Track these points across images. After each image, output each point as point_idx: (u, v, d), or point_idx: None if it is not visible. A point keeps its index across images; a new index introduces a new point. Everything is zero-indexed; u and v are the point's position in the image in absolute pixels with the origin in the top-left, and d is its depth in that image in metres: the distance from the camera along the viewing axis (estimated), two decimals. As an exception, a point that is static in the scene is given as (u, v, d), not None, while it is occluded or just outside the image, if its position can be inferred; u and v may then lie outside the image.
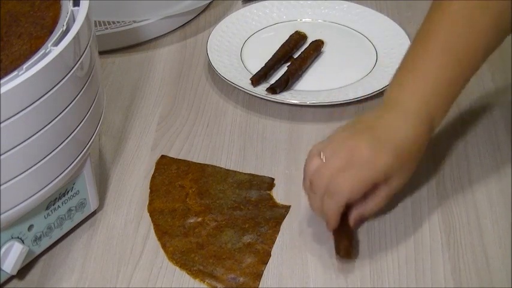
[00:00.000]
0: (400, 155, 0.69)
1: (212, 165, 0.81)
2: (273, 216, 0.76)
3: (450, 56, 0.72)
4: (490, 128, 0.86)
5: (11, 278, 0.69)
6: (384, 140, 0.69)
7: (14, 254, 0.66)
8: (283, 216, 0.76)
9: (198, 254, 0.71)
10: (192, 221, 0.75)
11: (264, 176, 0.80)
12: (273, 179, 0.80)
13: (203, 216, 0.75)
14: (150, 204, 0.77)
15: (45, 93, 0.60)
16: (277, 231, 0.74)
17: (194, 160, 0.83)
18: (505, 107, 0.89)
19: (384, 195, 0.71)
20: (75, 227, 0.74)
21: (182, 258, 0.71)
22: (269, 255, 0.72)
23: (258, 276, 0.69)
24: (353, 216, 0.71)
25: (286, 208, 0.77)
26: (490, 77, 0.95)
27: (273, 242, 0.73)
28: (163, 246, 0.73)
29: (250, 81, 0.92)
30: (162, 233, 0.74)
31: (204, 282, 0.69)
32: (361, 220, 0.73)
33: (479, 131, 0.86)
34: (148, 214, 0.76)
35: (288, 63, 0.96)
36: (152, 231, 0.75)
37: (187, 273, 0.70)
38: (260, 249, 0.72)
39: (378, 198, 0.71)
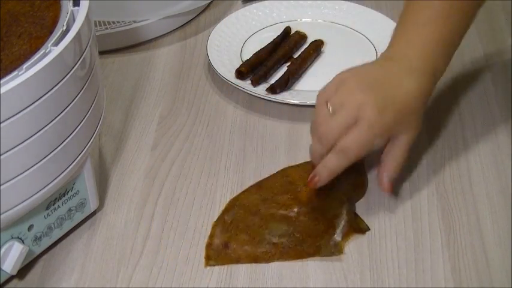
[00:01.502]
0: (403, 110, 0.72)
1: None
2: None
3: (451, 5, 0.75)
4: (490, 128, 0.86)
5: (11, 278, 0.69)
6: (390, 98, 0.72)
7: (14, 254, 0.66)
8: None
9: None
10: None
11: None
12: None
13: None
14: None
15: (45, 93, 0.60)
16: None
17: (194, 160, 0.83)
18: (505, 107, 0.89)
19: (398, 150, 0.74)
20: (75, 227, 0.75)
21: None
22: None
23: None
24: (384, 180, 0.74)
25: None
26: (490, 77, 0.95)
27: None
28: None
29: (250, 81, 0.92)
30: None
31: None
32: (391, 181, 0.75)
33: (479, 131, 0.86)
34: (148, 214, 0.77)
35: (288, 63, 0.96)
36: (152, 231, 0.75)
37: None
38: None
39: (395, 155, 0.74)
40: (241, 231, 0.74)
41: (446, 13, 0.75)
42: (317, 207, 0.76)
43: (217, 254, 0.72)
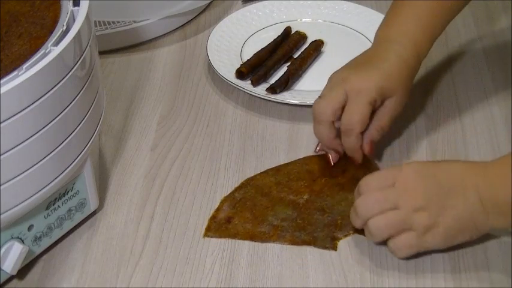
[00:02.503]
0: (388, 76, 0.76)
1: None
2: None
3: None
4: (490, 128, 0.86)
5: (11, 278, 0.69)
6: (371, 68, 0.77)
7: (14, 254, 0.66)
8: None
9: None
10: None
11: None
12: None
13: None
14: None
15: (45, 93, 0.60)
16: None
17: (194, 160, 0.83)
18: (505, 107, 0.89)
19: (382, 115, 0.78)
20: (75, 227, 0.74)
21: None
22: None
23: None
24: (365, 141, 0.78)
25: None
26: (490, 77, 0.95)
27: None
28: None
29: (250, 81, 0.92)
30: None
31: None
32: (372, 142, 0.79)
33: (479, 131, 0.86)
34: (148, 214, 0.77)
35: (288, 63, 0.96)
36: (152, 231, 0.75)
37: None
38: None
39: (379, 118, 0.78)
40: (247, 209, 0.76)
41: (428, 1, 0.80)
42: (326, 200, 0.77)
43: (218, 227, 0.75)
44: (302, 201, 0.77)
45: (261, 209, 0.76)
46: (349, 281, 0.69)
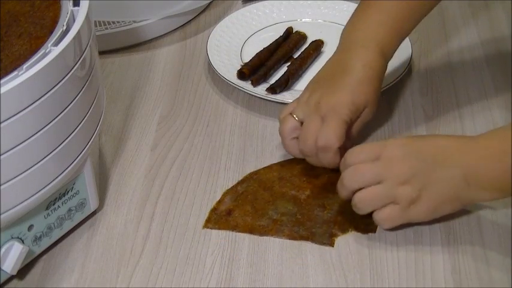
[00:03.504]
0: (359, 91, 0.77)
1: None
2: None
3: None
4: (490, 128, 0.86)
5: (11, 278, 0.69)
6: (341, 85, 0.77)
7: (14, 254, 0.66)
8: None
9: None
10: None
11: None
12: None
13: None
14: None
15: (45, 93, 0.60)
16: None
17: (194, 160, 0.83)
18: (505, 107, 0.89)
19: (356, 125, 0.79)
20: (75, 227, 0.74)
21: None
22: None
23: None
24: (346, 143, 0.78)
25: None
26: (490, 77, 0.95)
27: None
28: None
29: (250, 81, 0.92)
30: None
31: None
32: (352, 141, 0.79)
33: (479, 131, 0.86)
34: (148, 214, 0.77)
35: (288, 63, 0.96)
36: (152, 231, 0.75)
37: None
38: None
39: (353, 128, 0.79)
40: (248, 202, 0.77)
41: (395, 2, 0.80)
42: (328, 196, 0.77)
43: (218, 219, 0.75)
44: (303, 197, 0.77)
45: (262, 203, 0.77)
46: (349, 281, 0.69)
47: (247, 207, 0.77)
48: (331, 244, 0.73)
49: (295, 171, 0.81)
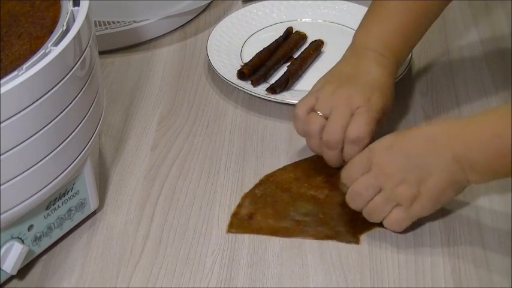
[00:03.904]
0: (383, 94, 0.77)
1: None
2: None
3: (412, 4, 0.80)
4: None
5: (11, 278, 0.69)
6: (369, 84, 0.77)
7: (14, 254, 0.66)
8: None
9: None
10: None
11: None
12: None
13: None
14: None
15: (45, 93, 0.60)
16: None
17: (194, 160, 0.83)
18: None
19: (377, 127, 0.77)
20: (75, 227, 0.74)
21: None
22: None
23: None
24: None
25: None
26: (490, 77, 0.95)
27: None
28: None
29: (250, 81, 0.92)
30: None
31: None
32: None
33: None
34: (148, 214, 0.77)
35: (288, 63, 0.96)
36: (152, 231, 0.75)
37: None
38: None
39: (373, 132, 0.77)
40: (269, 205, 0.77)
41: (406, 5, 0.80)
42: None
43: (241, 223, 0.76)
44: (322, 196, 0.77)
45: (282, 205, 0.77)
46: (349, 281, 0.69)
47: (268, 210, 0.77)
48: (357, 242, 0.73)
49: (310, 171, 0.81)
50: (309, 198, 0.78)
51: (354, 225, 0.74)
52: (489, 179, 0.69)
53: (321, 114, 0.76)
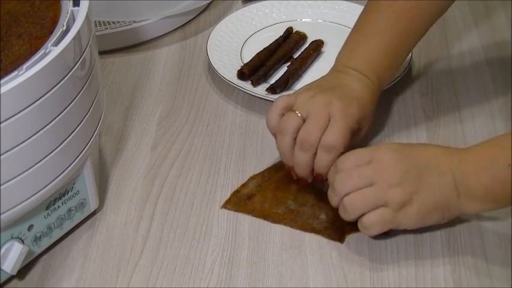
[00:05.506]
0: (362, 107, 0.77)
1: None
2: None
3: (396, 25, 0.80)
4: (490, 128, 0.86)
5: (11, 278, 0.69)
6: (349, 95, 0.76)
7: (14, 254, 0.66)
8: None
9: None
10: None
11: None
12: None
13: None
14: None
15: (45, 93, 0.60)
16: None
17: (194, 160, 0.83)
18: (505, 107, 0.89)
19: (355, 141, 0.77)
20: (75, 227, 0.75)
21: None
22: None
23: None
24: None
25: None
26: (490, 77, 0.95)
27: None
28: None
29: (250, 81, 0.92)
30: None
31: None
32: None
33: (479, 131, 0.86)
34: (148, 214, 0.77)
35: (288, 63, 0.96)
36: (152, 231, 0.75)
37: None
38: None
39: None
40: (271, 190, 0.79)
41: (390, 26, 0.80)
42: None
43: (238, 201, 0.77)
44: (326, 190, 0.76)
45: (284, 192, 0.78)
46: (349, 281, 0.69)
47: (268, 194, 0.78)
48: (341, 240, 0.73)
49: None
50: (312, 191, 0.78)
51: (343, 224, 0.73)
52: (487, 207, 0.69)
53: (299, 114, 0.75)
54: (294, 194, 0.78)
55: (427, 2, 0.80)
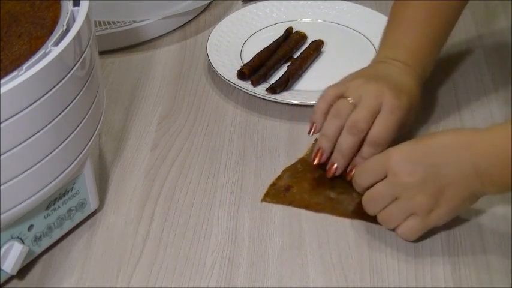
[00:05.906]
0: (411, 100, 0.77)
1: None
2: None
3: (434, 18, 0.82)
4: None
5: (11, 278, 0.69)
6: (398, 86, 0.76)
7: (14, 254, 0.66)
8: None
9: None
10: None
11: None
12: None
13: None
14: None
15: (45, 93, 0.60)
16: None
17: (194, 160, 0.83)
18: (505, 107, 0.89)
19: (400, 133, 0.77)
20: (75, 227, 0.75)
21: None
22: None
23: None
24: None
25: None
26: (490, 77, 0.95)
27: None
28: None
29: (250, 81, 0.92)
30: None
31: None
32: None
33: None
34: (148, 214, 0.77)
35: (288, 63, 0.96)
36: (152, 231, 0.75)
37: None
38: None
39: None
40: (307, 180, 0.79)
41: (430, 14, 0.81)
42: None
43: (276, 193, 0.78)
44: None
45: (320, 182, 0.79)
46: (349, 281, 0.69)
47: (304, 185, 0.79)
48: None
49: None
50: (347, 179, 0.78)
51: None
52: (508, 191, 0.69)
53: (351, 100, 0.76)
54: (330, 183, 0.78)
55: None
